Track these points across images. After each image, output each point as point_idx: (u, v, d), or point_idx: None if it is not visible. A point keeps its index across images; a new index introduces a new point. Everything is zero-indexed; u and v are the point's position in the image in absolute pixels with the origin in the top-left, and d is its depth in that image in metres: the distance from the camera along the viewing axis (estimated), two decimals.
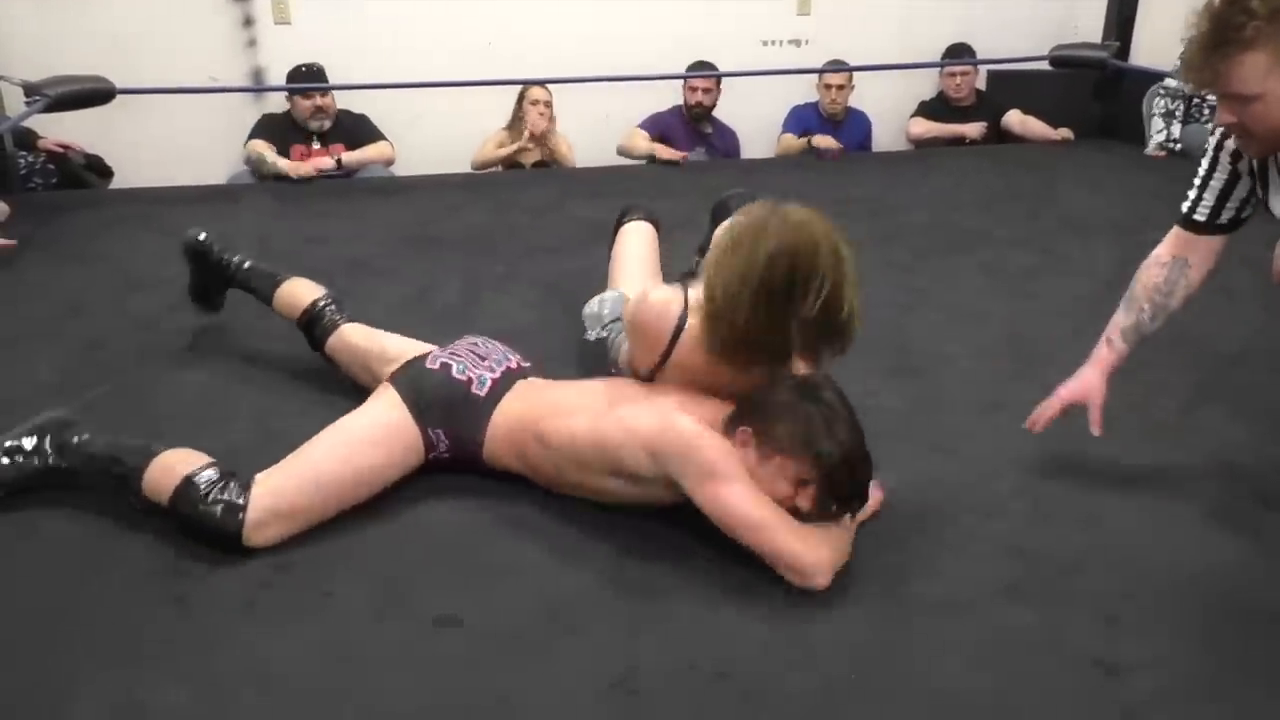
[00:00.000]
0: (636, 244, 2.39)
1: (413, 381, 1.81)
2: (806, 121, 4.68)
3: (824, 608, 1.53)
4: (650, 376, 1.77)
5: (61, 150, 4.01)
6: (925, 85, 4.93)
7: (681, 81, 4.47)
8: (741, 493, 1.55)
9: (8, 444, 1.76)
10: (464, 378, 1.82)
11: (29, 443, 1.76)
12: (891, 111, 4.91)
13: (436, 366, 1.84)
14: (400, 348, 1.97)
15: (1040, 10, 4.99)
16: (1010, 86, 4.90)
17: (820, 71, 4.58)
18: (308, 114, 4.10)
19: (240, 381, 2.26)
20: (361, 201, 3.74)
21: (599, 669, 1.40)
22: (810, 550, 1.53)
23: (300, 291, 2.18)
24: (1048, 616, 1.52)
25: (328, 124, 4.13)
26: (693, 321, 1.69)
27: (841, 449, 1.54)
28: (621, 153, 4.42)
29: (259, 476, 1.65)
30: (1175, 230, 1.81)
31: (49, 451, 1.76)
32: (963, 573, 1.62)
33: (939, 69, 4.83)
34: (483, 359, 1.86)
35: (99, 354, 2.39)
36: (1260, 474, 1.90)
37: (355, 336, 2.09)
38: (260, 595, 1.55)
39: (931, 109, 4.82)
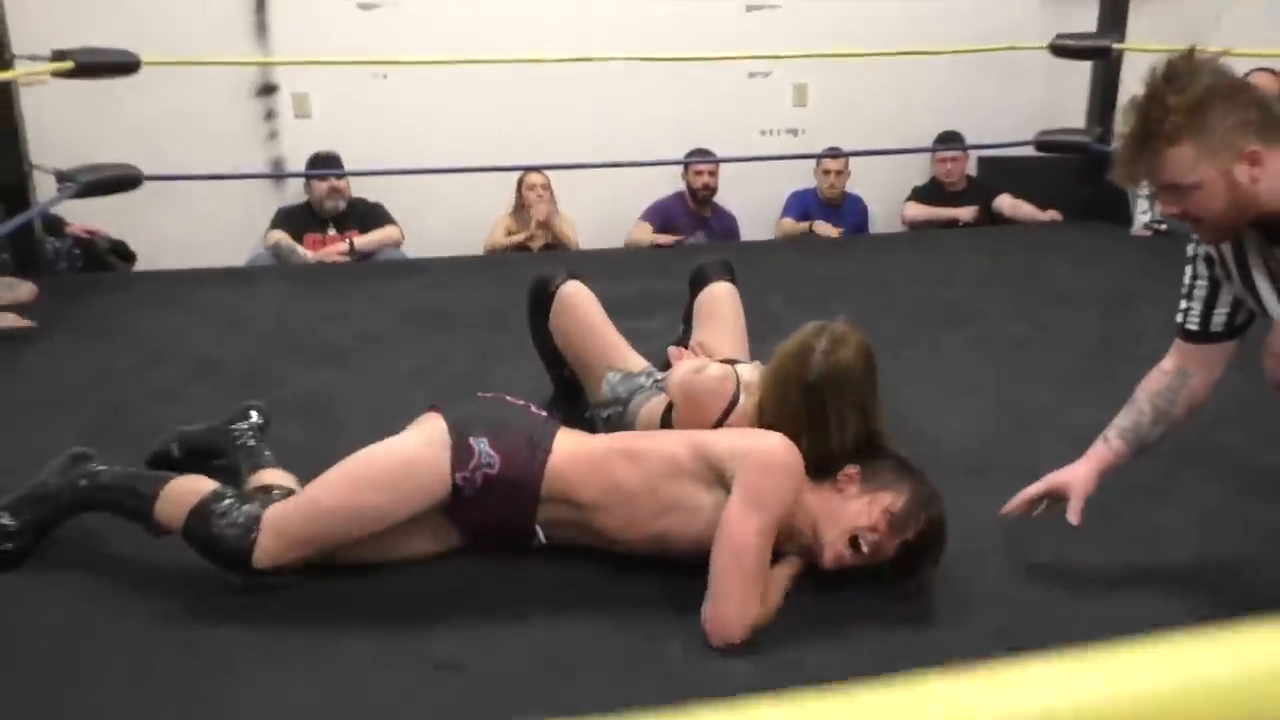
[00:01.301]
0: (594, 309, 2.31)
1: (464, 405, 1.84)
2: (806, 205, 4.86)
3: (814, 653, 1.58)
4: None
5: (88, 236, 4.19)
6: (918, 172, 5.12)
7: (681, 168, 4.67)
8: (759, 534, 1.60)
9: (28, 491, 1.83)
10: (520, 402, 1.88)
11: (44, 487, 1.84)
12: (886, 198, 5.09)
13: (490, 395, 1.89)
14: None
15: (1027, 100, 5.20)
16: (1000, 172, 5.08)
17: (818, 157, 4.78)
18: (324, 195, 4.31)
19: None
20: (377, 282, 3.88)
21: (598, 712, 1.45)
22: (741, 619, 1.58)
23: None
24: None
25: (342, 205, 4.34)
26: (744, 401, 1.86)
27: (933, 497, 1.71)
28: (629, 245, 4.59)
29: (274, 505, 1.71)
30: (1175, 342, 1.79)
31: (64, 485, 1.83)
32: (953, 619, 1.68)
33: (931, 156, 5.02)
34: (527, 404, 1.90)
35: (120, 421, 2.48)
36: (1240, 533, 1.96)
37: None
38: (266, 641, 1.61)
39: (925, 193, 5.00)
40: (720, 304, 2.34)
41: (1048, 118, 5.06)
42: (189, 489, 1.74)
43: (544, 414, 1.88)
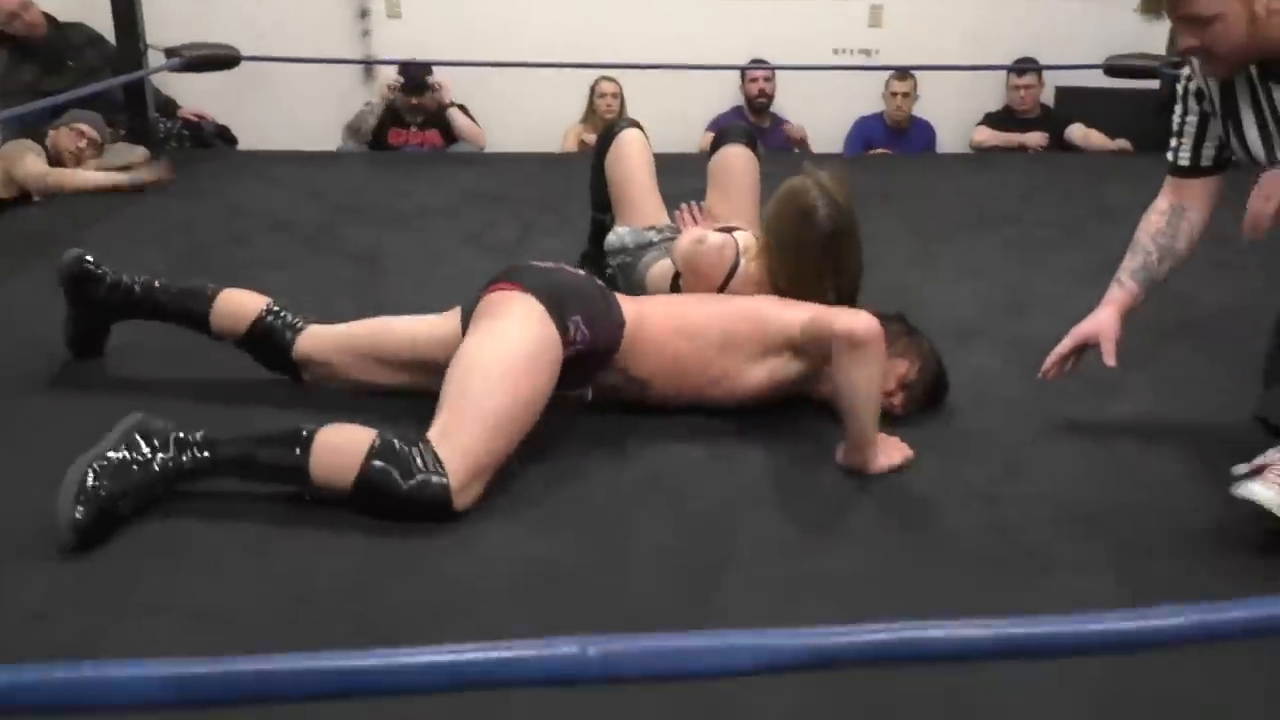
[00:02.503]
0: (640, 161, 2.46)
1: (539, 278, 1.72)
2: (869, 133, 4.91)
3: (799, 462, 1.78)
4: None
5: (197, 120, 4.58)
6: (992, 100, 5.09)
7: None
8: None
9: (124, 453, 1.48)
10: (583, 272, 1.86)
11: (148, 448, 1.50)
12: (957, 124, 5.07)
13: (551, 265, 1.81)
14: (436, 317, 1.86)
15: (1112, 30, 5.09)
16: (1077, 102, 5.02)
17: (885, 69, 4.81)
18: (406, 109, 4.59)
19: (311, 288, 2.55)
20: (448, 167, 4.15)
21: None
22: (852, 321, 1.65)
23: (244, 300, 1.92)
24: (950, 464, 1.74)
25: (421, 119, 4.60)
26: (745, 264, 2.02)
27: (935, 358, 1.92)
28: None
29: (433, 436, 1.53)
30: (1167, 180, 1.85)
31: (178, 455, 1.51)
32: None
33: (1006, 84, 4.99)
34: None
35: (198, 257, 2.81)
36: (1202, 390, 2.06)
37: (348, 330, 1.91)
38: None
39: (997, 120, 4.97)
40: (733, 167, 2.44)
41: (1135, 49, 4.96)
42: (347, 440, 1.52)
43: (600, 283, 1.85)
